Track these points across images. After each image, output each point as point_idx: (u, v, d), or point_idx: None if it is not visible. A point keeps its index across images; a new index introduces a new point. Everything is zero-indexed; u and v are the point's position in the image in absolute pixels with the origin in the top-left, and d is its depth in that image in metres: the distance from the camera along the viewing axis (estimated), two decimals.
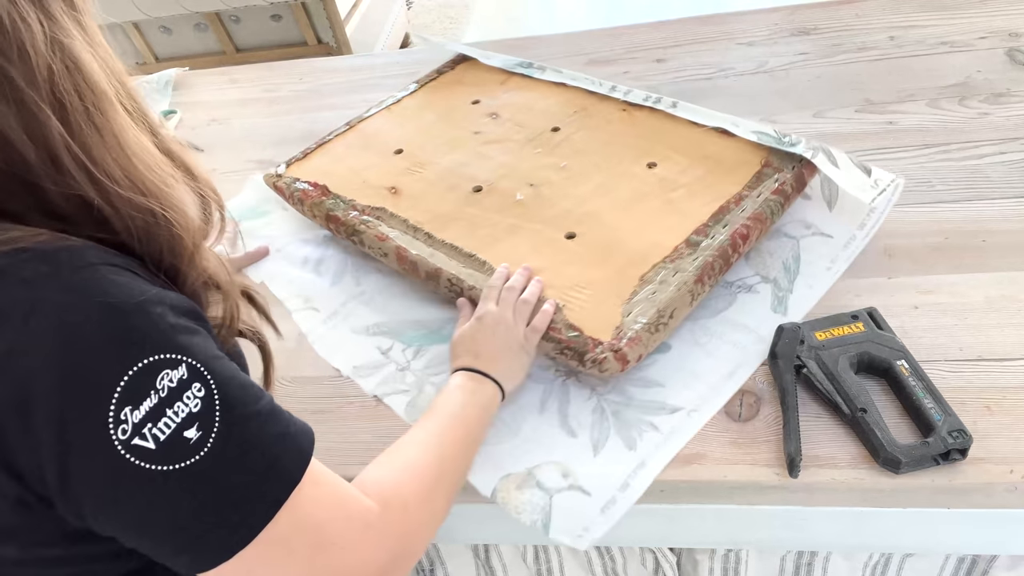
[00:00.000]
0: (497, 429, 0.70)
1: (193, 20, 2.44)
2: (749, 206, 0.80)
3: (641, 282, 0.75)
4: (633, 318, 0.71)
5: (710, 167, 0.87)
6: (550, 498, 0.65)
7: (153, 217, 0.48)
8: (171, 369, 0.42)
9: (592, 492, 0.65)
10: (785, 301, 0.77)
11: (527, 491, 0.65)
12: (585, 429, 0.69)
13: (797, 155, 0.84)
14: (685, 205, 0.83)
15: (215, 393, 0.44)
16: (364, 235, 0.88)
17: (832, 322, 0.70)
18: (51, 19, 0.43)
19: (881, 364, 0.67)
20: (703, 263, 0.74)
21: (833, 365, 0.66)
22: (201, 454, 0.42)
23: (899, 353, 0.67)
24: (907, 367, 0.66)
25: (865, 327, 0.69)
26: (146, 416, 0.41)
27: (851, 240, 0.81)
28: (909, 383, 0.64)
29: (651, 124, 0.97)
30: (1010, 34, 1.07)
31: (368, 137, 1.05)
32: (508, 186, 0.91)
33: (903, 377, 0.65)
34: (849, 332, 0.69)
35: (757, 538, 0.70)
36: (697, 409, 0.69)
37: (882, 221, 0.80)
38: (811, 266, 0.80)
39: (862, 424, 0.62)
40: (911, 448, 0.60)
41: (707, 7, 1.39)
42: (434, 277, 0.81)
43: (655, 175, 0.88)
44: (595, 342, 0.70)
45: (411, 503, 0.54)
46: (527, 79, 1.11)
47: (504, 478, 0.66)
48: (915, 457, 0.60)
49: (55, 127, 0.43)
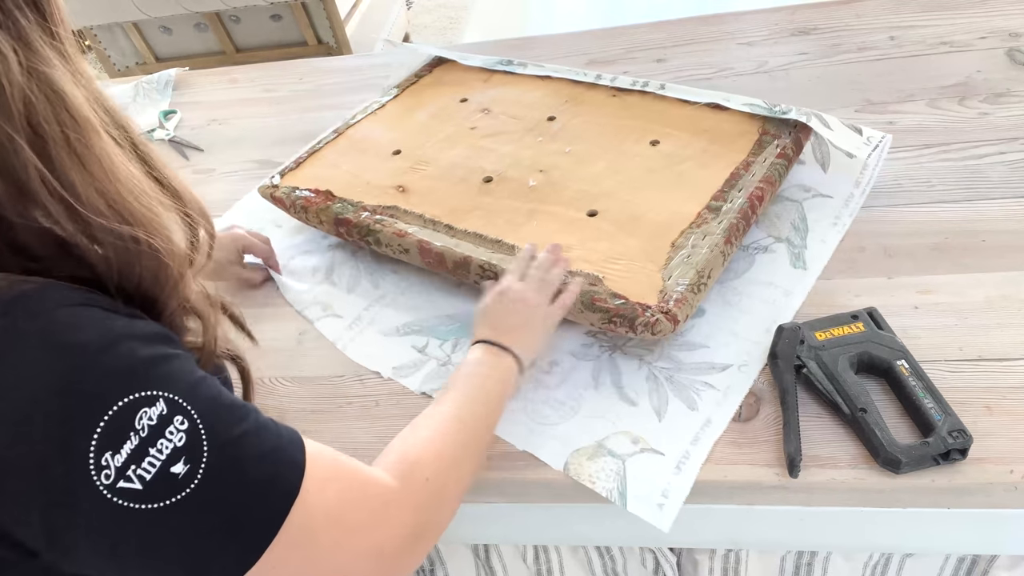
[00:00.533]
0: (556, 410, 0.71)
1: (193, 20, 2.44)
2: (758, 171, 0.84)
3: (673, 248, 0.77)
4: (674, 281, 0.73)
5: (711, 139, 0.91)
6: (623, 463, 0.66)
7: (136, 245, 0.46)
8: (148, 407, 0.42)
9: (665, 451, 0.66)
10: (802, 256, 0.81)
11: (599, 460, 0.66)
12: (644, 397, 0.71)
13: (791, 121, 0.89)
14: (696, 175, 0.86)
15: (198, 423, 0.43)
16: (380, 234, 0.87)
17: (832, 322, 0.70)
18: (29, 49, 0.42)
19: (881, 364, 0.67)
20: (729, 225, 0.78)
21: (833, 365, 0.66)
22: (192, 487, 0.42)
23: (899, 353, 0.67)
24: (907, 367, 0.66)
25: (865, 327, 0.69)
26: (128, 459, 0.40)
27: (850, 198, 0.87)
28: (909, 383, 0.64)
29: (644, 106, 1.00)
30: (1010, 34, 1.07)
31: (360, 142, 1.04)
32: (518, 174, 0.92)
33: (903, 377, 0.65)
34: (849, 332, 0.69)
35: (757, 538, 0.70)
36: (746, 363, 0.72)
37: (876, 176, 0.87)
38: (818, 223, 0.85)
39: (862, 424, 0.62)
40: (911, 448, 0.60)
41: (707, 7, 1.39)
42: (463, 266, 0.81)
43: (659, 151, 0.92)
44: (643, 307, 0.71)
45: (432, 475, 0.54)
46: (509, 75, 1.13)
47: (575, 452, 0.67)
48: (915, 457, 0.60)
49: (30, 160, 0.41)
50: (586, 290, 0.74)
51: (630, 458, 0.66)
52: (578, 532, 0.73)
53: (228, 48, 2.51)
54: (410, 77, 1.17)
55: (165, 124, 1.33)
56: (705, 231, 0.78)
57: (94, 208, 0.44)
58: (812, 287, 0.78)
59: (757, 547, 0.72)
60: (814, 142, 0.92)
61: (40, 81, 0.42)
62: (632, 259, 0.77)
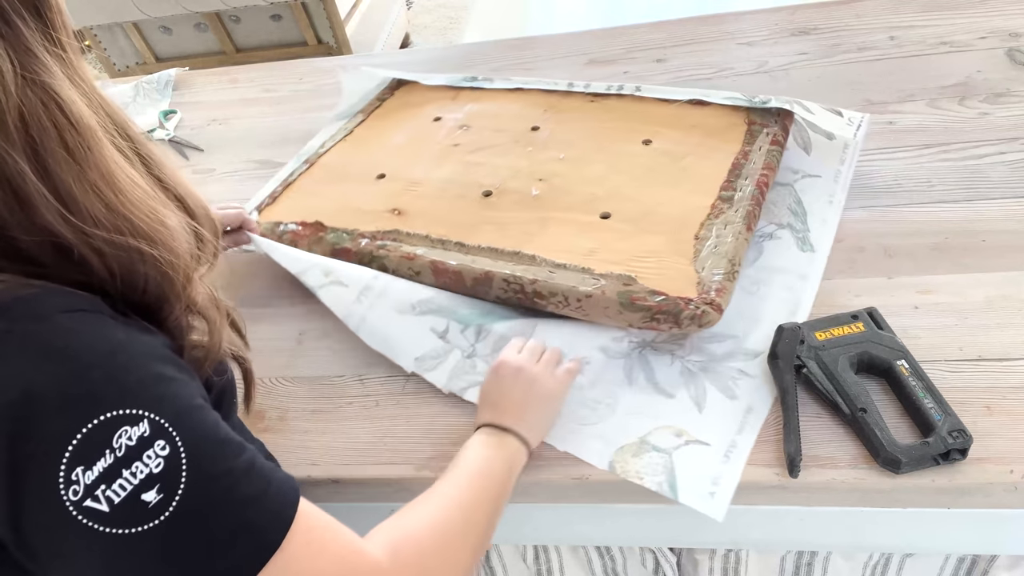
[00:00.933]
0: (593, 409, 0.70)
1: (193, 20, 2.44)
2: (757, 158, 0.87)
3: (697, 240, 0.78)
4: (709, 272, 0.74)
5: (703, 134, 0.93)
6: (670, 456, 0.65)
7: (140, 255, 0.45)
8: (131, 426, 0.40)
9: (711, 441, 0.65)
10: (807, 239, 0.82)
11: (644, 456, 0.65)
12: (681, 389, 0.70)
13: (774, 109, 0.92)
14: (698, 168, 0.87)
15: (181, 452, 0.41)
16: (387, 259, 0.84)
17: (832, 322, 0.70)
18: (29, 57, 0.42)
19: (881, 364, 0.67)
20: (746, 212, 0.79)
21: (833, 365, 0.66)
22: (161, 519, 0.39)
23: (899, 353, 0.67)
24: (907, 367, 0.66)
25: (865, 327, 0.69)
26: (100, 477, 0.38)
27: (838, 175, 0.89)
28: (909, 383, 0.64)
29: (624, 108, 1.01)
30: (1010, 34, 1.07)
31: (336, 169, 1.02)
32: (518, 185, 0.91)
33: (903, 377, 0.65)
34: (849, 332, 0.69)
35: (757, 538, 0.70)
36: None
37: (858, 153, 0.90)
38: (815, 204, 0.86)
39: (862, 424, 0.62)
40: (911, 448, 0.60)
41: (707, 7, 1.39)
42: (484, 282, 0.79)
43: (655, 150, 0.92)
44: (685, 300, 0.71)
45: (428, 555, 0.51)
46: (477, 91, 1.12)
47: (618, 450, 0.66)
48: (915, 457, 0.60)
49: (24, 171, 0.41)
50: (622, 291, 0.73)
51: (676, 451, 0.65)
52: (578, 532, 0.73)
53: (228, 48, 2.51)
54: (373, 101, 1.16)
55: (165, 124, 1.33)
56: (725, 220, 0.79)
57: (94, 219, 0.43)
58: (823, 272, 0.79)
59: (757, 547, 0.72)
60: (794, 128, 0.93)
61: (40, 90, 0.42)
62: (660, 255, 0.77)
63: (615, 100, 1.03)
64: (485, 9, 3.29)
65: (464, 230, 0.86)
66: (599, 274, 0.75)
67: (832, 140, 0.91)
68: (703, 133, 0.93)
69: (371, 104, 1.16)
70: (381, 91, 1.19)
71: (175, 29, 2.49)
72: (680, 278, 0.74)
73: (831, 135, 0.90)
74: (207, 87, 1.45)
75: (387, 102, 1.16)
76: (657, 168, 0.89)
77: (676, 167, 0.88)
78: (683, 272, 0.75)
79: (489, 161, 0.96)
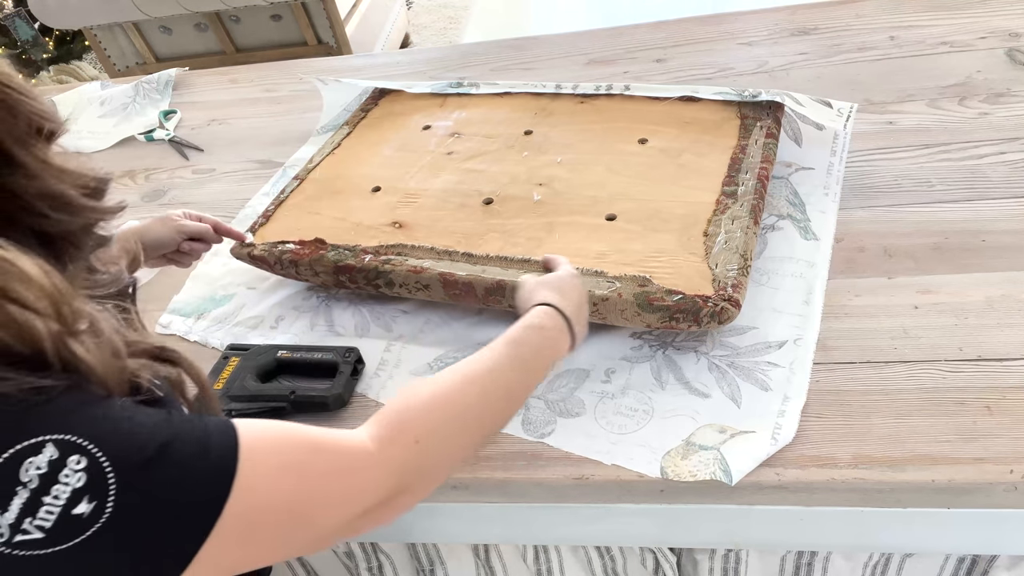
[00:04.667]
0: (630, 417, 0.70)
1: (193, 20, 2.44)
2: (754, 152, 0.87)
3: (707, 237, 0.78)
4: (723, 268, 0.74)
5: (698, 130, 0.93)
6: (718, 450, 0.65)
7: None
8: (33, 455, 0.38)
9: (756, 429, 0.66)
10: (809, 228, 0.84)
11: (693, 456, 0.65)
12: (714, 387, 0.71)
13: (765, 102, 0.93)
14: (698, 165, 0.88)
15: (99, 455, 0.39)
16: (392, 274, 0.81)
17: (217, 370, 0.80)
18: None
19: (269, 366, 0.79)
20: (751, 206, 0.80)
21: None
22: (101, 522, 0.38)
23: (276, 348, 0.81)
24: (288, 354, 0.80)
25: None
26: (21, 514, 0.37)
27: (831, 167, 0.91)
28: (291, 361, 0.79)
29: (615, 108, 1.01)
30: (1010, 34, 1.07)
31: (329, 184, 0.98)
32: (518, 191, 0.90)
33: (286, 360, 0.79)
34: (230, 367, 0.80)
35: (757, 538, 0.70)
36: (800, 336, 0.73)
37: (848, 143, 0.91)
38: (811, 196, 0.88)
39: (301, 401, 0.76)
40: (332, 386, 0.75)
41: (707, 7, 1.39)
42: (496, 291, 0.77)
43: (653, 148, 0.92)
44: (703, 298, 0.71)
45: (424, 436, 0.51)
46: (464, 97, 1.11)
47: (666, 455, 0.66)
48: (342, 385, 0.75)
49: None
50: (638, 292, 0.73)
51: (723, 445, 0.65)
52: (578, 532, 0.73)
53: (228, 48, 2.51)
54: (357, 112, 1.14)
55: (165, 124, 1.33)
56: (731, 215, 0.79)
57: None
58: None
59: (757, 547, 0.72)
60: (784, 120, 0.95)
61: None
62: (671, 254, 0.77)
63: (605, 100, 1.03)
64: (485, 9, 3.28)
65: (470, 240, 0.84)
66: (613, 276, 0.75)
67: (822, 131, 0.92)
68: (698, 129, 0.93)
69: (355, 115, 1.13)
70: (364, 102, 1.16)
71: (175, 29, 2.49)
72: (695, 276, 0.74)
73: (820, 126, 0.91)
74: (207, 87, 1.45)
75: (371, 112, 1.13)
76: (656, 166, 0.89)
77: (675, 164, 0.88)
78: (697, 269, 0.75)
79: (486, 168, 0.95)
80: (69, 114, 1.44)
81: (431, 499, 0.70)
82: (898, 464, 0.61)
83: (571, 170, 0.91)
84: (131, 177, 1.22)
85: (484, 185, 0.92)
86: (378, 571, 0.84)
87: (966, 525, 0.63)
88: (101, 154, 1.30)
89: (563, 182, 0.90)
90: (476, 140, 1.01)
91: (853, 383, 0.68)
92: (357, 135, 1.08)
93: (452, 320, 0.84)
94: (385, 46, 2.83)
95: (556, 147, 0.96)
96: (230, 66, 1.52)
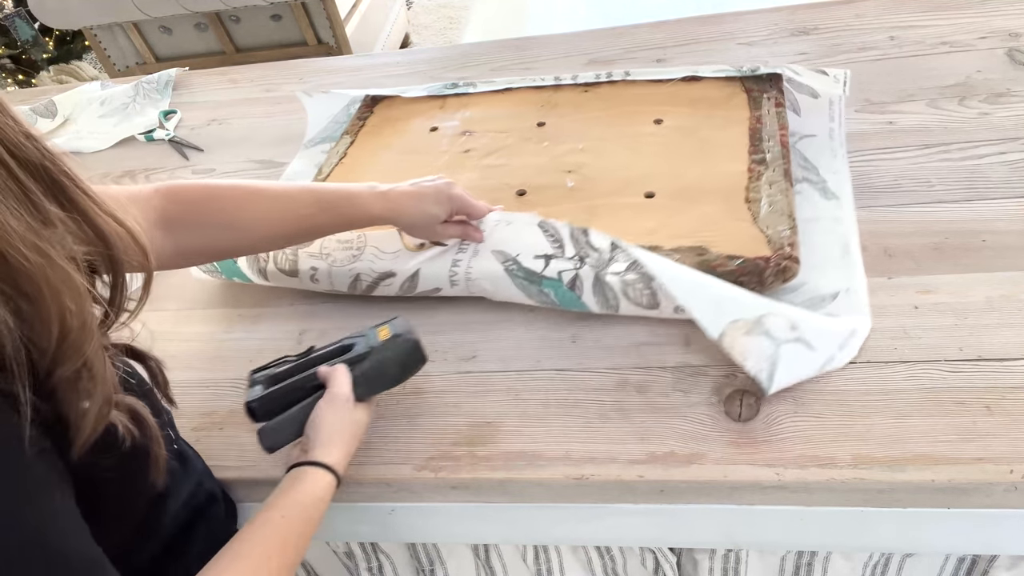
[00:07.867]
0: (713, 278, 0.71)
1: (193, 20, 2.44)
2: (769, 121, 0.91)
3: (749, 203, 0.81)
4: (775, 230, 0.76)
5: (709, 106, 0.95)
6: (777, 347, 0.66)
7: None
8: None
9: (816, 347, 0.67)
10: (827, 188, 0.86)
11: (755, 337, 0.66)
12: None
13: (765, 76, 0.98)
14: (720, 138, 0.91)
15: None
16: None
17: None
18: None
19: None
20: (783, 169, 0.83)
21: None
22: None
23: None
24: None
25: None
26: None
27: (832, 132, 0.93)
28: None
29: (620, 94, 1.03)
30: (1010, 34, 1.07)
31: None
32: (549, 180, 0.91)
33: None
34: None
35: (757, 538, 0.70)
36: (848, 287, 0.74)
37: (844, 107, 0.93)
38: (820, 159, 0.90)
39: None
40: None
41: (707, 7, 1.39)
42: None
43: (669, 127, 0.95)
44: (764, 259, 0.73)
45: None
46: (463, 96, 1.11)
47: (732, 323, 0.67)
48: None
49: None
50: (699, 260, 0.74)
51: (785, 344, 0.66)
52: (578, 532, 0.73)
53: (228, 48, 2.51)
54: (355, 121, 1.13)
55: (165, 124, 1.33)
56: (768, 180, 0.82)
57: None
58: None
59: (757, 547, 0.72)
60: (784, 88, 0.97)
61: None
62: (720, 223, 0.79)
63: (607, 88, 1.05)
64: (485, 9, 3.28)
65: None
66: (670, 249, 0.76)
67: (817, 98, 0.94)
68: (708, 106, 0.96)
69: (354, 124, 1.12)
70: (360, 109, 1.15)
71: (175, 29, 2.49)
72: (748, 240, 0.76)
73: (815, 93, 0.93)
74: (207, 87, 1.45)
75: (369, 120, 1.12)
76: (678, 144, 0.91)
77: (696, 140, 0.91)
78: (749, 234, 0.77)
79: (507, 162, 0.96)
80: (69, 114, 1.44)
81: (431, 499, 0.70)
82: (898, 464, 0.61)
83: (596, 155, 0.92)
84: (131, 177, 1.22)
85: (511, 178, 0.93)
86: (378, 571, 0.84)
87: (966, 525, 0.63)
88: (101, 154, 1.30)
89: (591, 167, 0.91)
90: (489, 136, 1.01)
91: (853, 383, 0.68)
92: (361, 143, 1.08)
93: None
94: (385, 46, 2.83)
95: (573, 135, 0.97)
96: (230, 66, 1.52)
